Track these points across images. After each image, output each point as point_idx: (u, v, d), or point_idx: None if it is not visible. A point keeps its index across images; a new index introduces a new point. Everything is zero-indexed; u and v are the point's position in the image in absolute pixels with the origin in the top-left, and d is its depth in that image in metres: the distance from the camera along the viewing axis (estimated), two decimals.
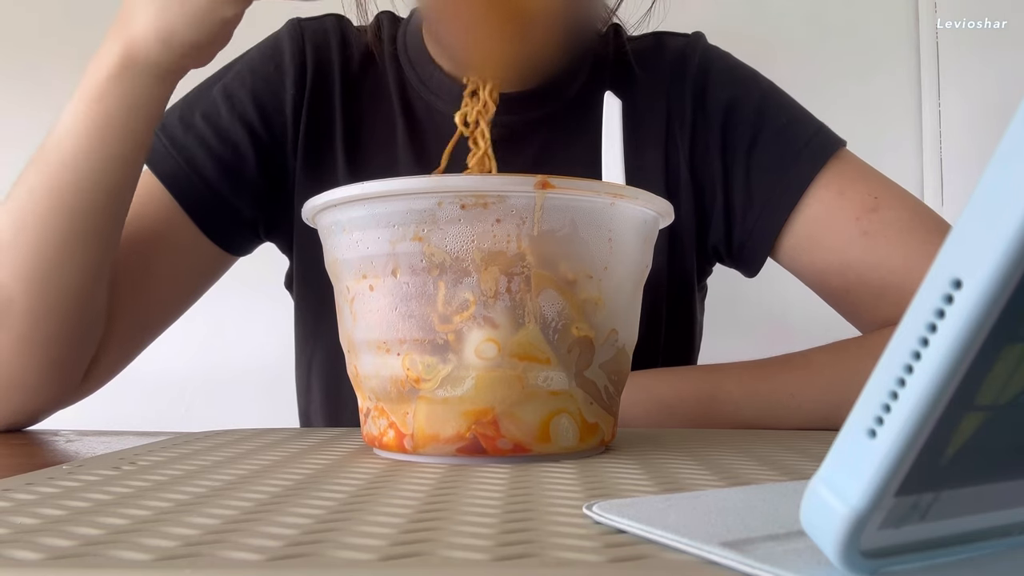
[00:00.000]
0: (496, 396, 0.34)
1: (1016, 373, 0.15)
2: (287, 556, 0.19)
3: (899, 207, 0.58)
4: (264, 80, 0.63)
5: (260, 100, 0.62)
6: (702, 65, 0.64)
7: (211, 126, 0.61)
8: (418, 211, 0.33)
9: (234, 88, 0.62)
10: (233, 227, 0.62)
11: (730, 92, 0.63)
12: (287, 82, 0.63)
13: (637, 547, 0.20)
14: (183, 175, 0.59)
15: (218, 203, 0.60)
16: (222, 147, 0.60)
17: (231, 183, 0.61)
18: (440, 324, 0.34)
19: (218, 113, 0.61)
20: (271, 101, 0.62)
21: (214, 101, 0.62)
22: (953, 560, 0.17)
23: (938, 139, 1.21)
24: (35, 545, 0.20)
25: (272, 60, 0.64)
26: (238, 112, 0.61)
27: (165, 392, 1.23)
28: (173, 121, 0.61)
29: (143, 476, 0.31)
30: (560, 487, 0.28)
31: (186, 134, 0.60)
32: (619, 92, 0.64)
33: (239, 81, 0.62)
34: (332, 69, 0.64)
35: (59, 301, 0.50)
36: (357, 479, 0.30)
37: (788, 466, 0.33)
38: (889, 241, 0.57)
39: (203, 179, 0.60)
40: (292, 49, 0.64)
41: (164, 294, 0.60)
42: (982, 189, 0.13)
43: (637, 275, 0.39)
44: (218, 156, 0.60)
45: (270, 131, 0.62)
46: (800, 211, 0.59)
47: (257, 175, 0.62)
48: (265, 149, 0.62)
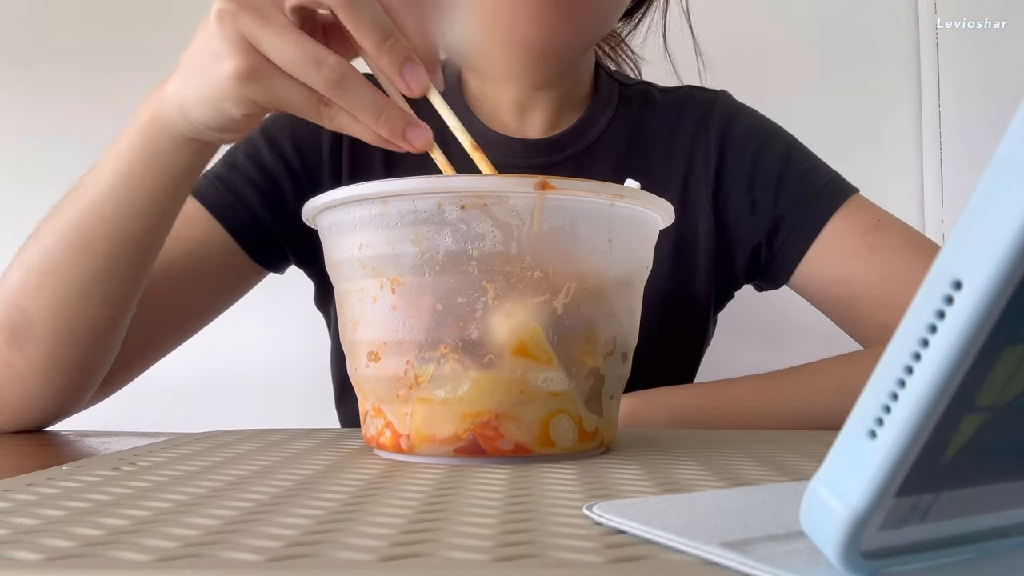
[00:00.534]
0: (495, 397, 0.34)
1: (1016, 374, 0.15)
2: (287, 557, 0.19)
3: (900, 230, 0.64)
4: (302, 123, 0.66)
5: (297, 139, 0.66)
6: (729, 117, 0.70)
7: (253, 163, 0.65)
8: (418, 212, 0.33)
9: (274, 131, 0.67)
10: (271, 248, 0.66)
11: (758, 144, 0.68)
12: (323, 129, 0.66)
13: (637, 547, 0.20)
14: (228, 203, 0.63)
15: (259, 226, 0.64)
16: (263, 180, 0.65)
17: (271, 210, 0.65)
18: (439, 325, 0.34)
19: (259, 152, 0.66)
20: (308, 140, 0.67)
21: (255, 143, 0.66)
22: (953, 561, 0.17)
23: (938, 139, 1.21)
24: (35, 546, 0.20)
25: None
26: (278, 151, 0.66)
27: (165, 393, 1.22)
28: (219, 164, 0.66)
29: (143, 477, 0.31)
30: (560, 488, 0.28)
31: (231, 172, 0.65)
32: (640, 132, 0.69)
33: (278, 126, 0.67)
34: None
35: (81, 333, 0.51)
36: (357, 480, 0.30)
37: (788, 466, 0.33)
38: (892, 253, 0.61)
39: (246, 205, 0.64)
40: None
41: (192, 311, 0.64)
42: (982, 189, 0.13)
43: (637, 276, 0.39)
44: (259, 187, 0.65)
45: (306, 167, 0.67)
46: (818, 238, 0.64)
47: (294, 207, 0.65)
48: (302, 183, 0.66)
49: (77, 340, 0.51)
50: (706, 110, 0.70)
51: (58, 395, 0.53)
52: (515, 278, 0.33)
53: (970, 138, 1.20)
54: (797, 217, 0.64)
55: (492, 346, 0.33)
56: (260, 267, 0.66)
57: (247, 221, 0.64)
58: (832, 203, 0.64)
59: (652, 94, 0.73)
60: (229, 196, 0.64)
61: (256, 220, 0.64)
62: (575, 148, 0.68)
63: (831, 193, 0.65)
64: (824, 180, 0.66)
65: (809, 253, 0.64)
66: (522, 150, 0.67)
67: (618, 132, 0.70)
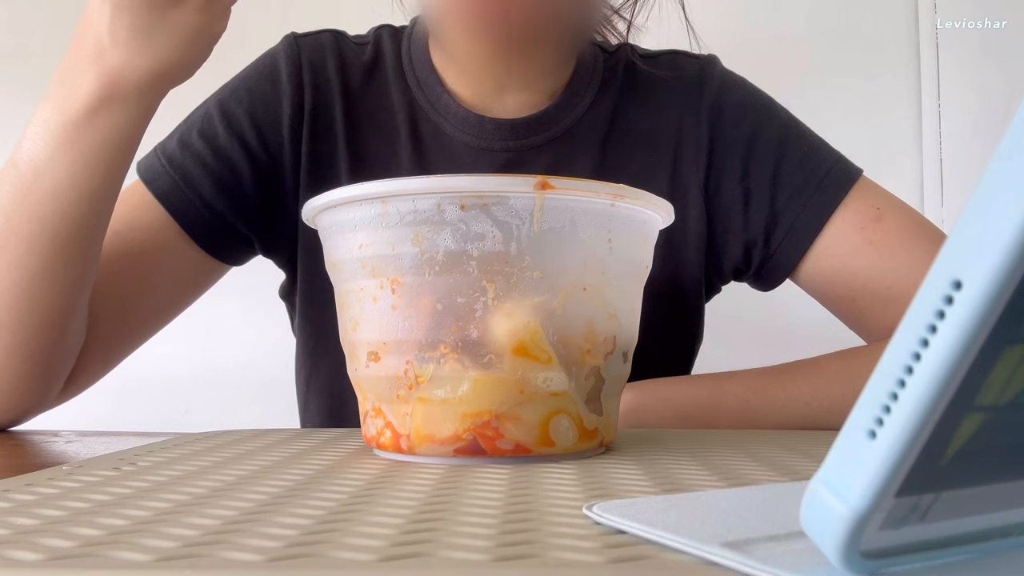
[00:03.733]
0: (495, 397, 0.34)
1: (1016, 374, 0.15)
2: (287, 557, 0.19)
3: (902, 218, 0.61)
4: (261, 99, 0.63)
5: (256, 119, 0.62)
6: (719, 92, 0.66)
7: (208, 144, 0.61)
8: (418, 212, 0.33)
9: (231, 106, 0.63)
10: (229, 241, 0.63)
11: (751, 124, 0.64)
12: (284, 101, 0.63)
13: (637, 547, 0.20)
14: (179, 194, 0.60)
15: (214, 218, 0.61)
16: (218, 165, 0.61)
17: (227, 200, 0.61)
18: (439, 325, 0.34)
19: (215, 131, 0.62)
20: (267, 120, 0.63)
21: (211, 119, 0.62)
22: (953, 561, 0.17)
23: (938, 139, 1.21)
24: (35, 546, 0.20)
25: (268, 79, 0.64)
26: (235, 131, 0.62)
27: (165, 393, 1.23)
28: (172, 142, 0.62)
29: (143, 477, 0.31)
30: (560, 488, 0.28)
31: (183, 153, 0.61)
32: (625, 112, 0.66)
33: (236, 99, 0.63)
34: (331, 87, 0.64)
35: (42, 317, 0.50)
36: (357, 480, 0.30)
37: (788, 466, 0.33)
38: (893, 249, 0.59)
39: (199, 196, 0.60)
40: (289, 68, 0.64)
41: (154, 304, 0.61)
42: (982, 189, 0.13)
43: (637, 276, 0.39)
44: (214, 173, 0.61)
45: (267, 150, 0.63)
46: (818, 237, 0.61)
47: (253, 192, 0.62)
48: (261, 168, 0.62)
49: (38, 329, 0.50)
50: (694, 80, 0.66)
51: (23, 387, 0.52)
52: (515, 278, 0.33)
53: (970, 138, 1.20)
54: (795, 215, 0.61)
55: (492, 346, 0.33)
56: (218, 262, 0.63)
57: (200, 213, 0.60)
58: (833, 198, 0.60)
59: (634, 62, 0.68)
60: (181, 185, 0.60)
61: (210, 211, 0.61)
62: (555, 129, 0.64)
63: (832, 185, 0.61)
64: (824, 168, 0.62)
65: (809, 252, 0.61)
66: (495, 131, 0.63)
67: (601, 110, 0.65)
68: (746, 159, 0.63)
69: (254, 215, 0.63)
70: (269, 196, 0.63)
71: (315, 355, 0.66)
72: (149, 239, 0.59)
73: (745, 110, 0.65)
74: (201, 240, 0.61)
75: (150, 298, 0.60)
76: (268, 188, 0.63)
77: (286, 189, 0.63)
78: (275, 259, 0.67)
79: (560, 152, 0.64)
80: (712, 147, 0.64)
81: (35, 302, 0.50)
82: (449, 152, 0.63)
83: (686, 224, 0.64)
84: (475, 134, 0.63)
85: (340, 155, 0.63)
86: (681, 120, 0.65)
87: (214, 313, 1.05)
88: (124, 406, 0.89)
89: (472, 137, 0.63)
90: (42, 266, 0.49)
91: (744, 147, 0.63)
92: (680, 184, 0.64)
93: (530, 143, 0.63)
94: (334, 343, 0.41)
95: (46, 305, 0.50)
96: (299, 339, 0.68)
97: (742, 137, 0.64)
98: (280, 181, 0.63)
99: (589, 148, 0.64)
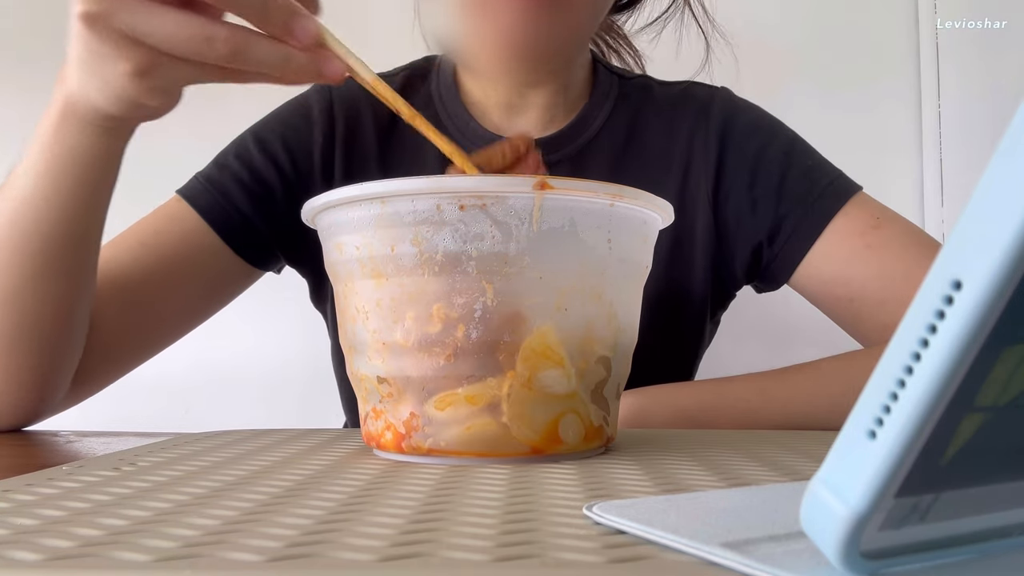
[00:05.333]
0: (500, 397, 0.34)
1: (1016, 374, 0.15)
2: (287, 557, 0.19)
3: (899, 227, 0.63)
4: (293, 129, 0.68)
5: (289, 145, 0.67)
6: (730, 114, 0.69)
7: (244, 165, 0.65)
8: (417, 212, 0.33)
9: (265, 135, 0.67)
10: (261, 247, 0.66)
11: (759, 140, 0.67)
12: (315, 130, 0.67)
13: (637, 548, 0.20)
14: (216, 205, 0.63)
15: (248, 225, 0.64)
16: (253, 182, 0.65)
17: (261, 212, 0.65)
18: (440, 326, 0.34)
19: (250, 155, 0.66)
20: (299, 146, 0.67)
21: (247, 146, 0.67)
22: (953, 561, 0.17)
23: (938, 139, 1.21)
24: (35, 546, 0.20)
25: (300, 114, 0.69)
26: (269, 154, 0.66)
27: (165, 393, 1.23)
28: (210, 167, 0.66)
29: (143, 477, 0.31)
30: (560, 487, 0.28)
31: (221, 173, 0.65)
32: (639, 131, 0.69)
33: (269, 129, 0.68)
34: (363, 118, 0.68)
35: (30, 325, 0.50)
36: (357, 480, 0.30)
37: (788, 467, 0.33)
38: (891, 253, 0.61)
39: (234, 206, 0.64)
40: (320, 104, 0.69)
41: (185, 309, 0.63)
42: (982, 189, 0.13)
43: (637, 276, 0.39)
44: (249, 189, 0.65)
45: (297, 171, 0.67)
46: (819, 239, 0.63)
47: (285, 210, 0.66)
48: (293, 187, 0.66)
49: (28, 335, 0.50)
50: (706, 104, 0.69)
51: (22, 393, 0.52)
52: (514, 278, 0.33)
53: (970, 138, 1.20)
54: (799, 218, 0.64)
55: (494, 346, 0.33)
56: (252, 267, 0.66)
57: (236, 222, 0.64)
58: (834, 204, 0.63)
59: (651, 88, 0.72)
60: (218, 196, 0.64)
61: (245, 221, 0.64)
62: (571, 147, 0.68)
63: (833, 193, 0.64)
64: (827, 179, 0.65)
65: (809, 254, 0.63)
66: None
67: (616, 129, 0.69)
68: (754, 170, 0.66)
69: (283, 228, 0.66)
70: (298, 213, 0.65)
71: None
72: (186, 247, 0.62)
73: (754, 127, 0.68)
74: (236, 245, 0.64)
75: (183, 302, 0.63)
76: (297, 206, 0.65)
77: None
78: (299, 269, 0.71)
79: (575, 169, 0.67)
80: (721, 162, 0.67)
81: (19, 312, 0.50)
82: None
83: (694, 235, 0.67)
84: None
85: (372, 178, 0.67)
86: (692, 139, 0.68)
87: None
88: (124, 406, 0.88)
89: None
90: (22, 275, 0.49)
91: (752, 160, 0.66)
92: (689, 196, 0.67)
93: (549, 159, 0.66)
94: None
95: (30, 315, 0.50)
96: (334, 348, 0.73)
97: (750, 152, 0.67)
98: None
99: (603, 165, 0.67)
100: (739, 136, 0.67)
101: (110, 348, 0.58)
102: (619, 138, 0.69)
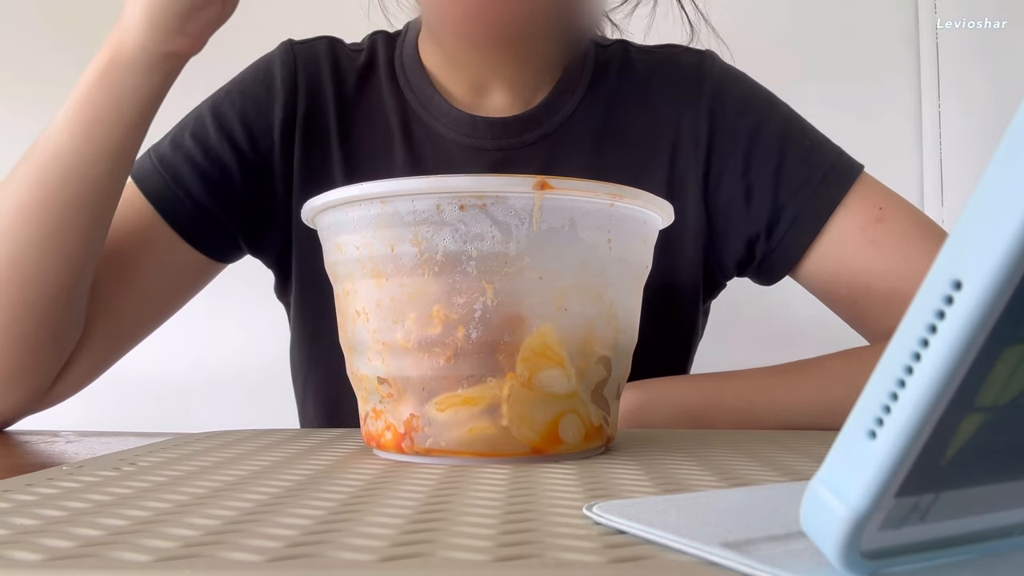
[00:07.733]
0: (500, 397, 0.34)
1: (1016, 374, 0.15)
2: (287, 557, 0.19)
3: (903, 218, 0.60)
4: (254, 103, 0.64)
5: (248, 122, 0.63)
6: (719, 85, 0.65)
7: (199, 145, 0.62)
8: (417, 212, 0.33)
9: (223, 109, 0.63)
10: (217, 238, 0.63)
11: (753, 117, 0.63)
12: (276, 106, 0.64)
13: (637, 548, 0.20)
14: (169, 193, 0.60)
15: (202, 215, 0.61)
16: (208, 164, 0.62)
17: (216, 198, 0.62)
18: (440, 326, 0.34)
19: (206, 133, 0.62)
20: (258, 124, 0.63)
21: (204, 121, 0.63)
22: (953, 561, 0.17)
23: (938, 139, 1.21)
24: (35, 546, 0.20)
25: (263, 83, 0.65)
26: (225, 132, 0.62)
27: (165, 393, 1.23)
28: (164, 142, 0.63)
29: (143, 477, 0.31)
30: (560, 487, 0.28)
31: (175, 153, 0.62)
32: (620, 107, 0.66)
33: (229, 102, 0.64)
34: (325, 92, 0.65)
35: (39, 295, 0.51)
36: (357, 480, 0.30)
37: (788, 467, 0.33)
38: (895, 250, 0.59)
39: (188, 194, 0.61)
40: (283, 73, 0.65)
41: (144, 303, 0.61)
42: (982, 189, 0.13)
43: (637, 276, 0.39)
44: (204, 173, 0.61)
45: (256, 152, 0.63)
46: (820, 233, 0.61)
47: (242, 193, 0.63)
48: (251, 169, 0.63)
49: (34, 308, 0.51)
50: (693, 76, 0.65)
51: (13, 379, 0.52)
52: (514, 278, 0.33)
53: (970, 138, 1.20)
54: (798, 209, 0.61)
55: (494, 346, 0.33)
56: (209, 259, 0.63)
57: (188, 210, 0.60)
58: (836, 193, 0.60)
59: (631, 56, 0.67)
60: (169, 181, 0.60)
61: (198, 208, 0.61)
62: (547, 126, 0.64)
63: (835, 180, 0.61)
64: (827, 162, 0.61)
65: (810, 249, 0.61)
66: (487, 130, 0.63)
67: (595, 105, 0.65)
68: (748, 153, 0.62)
69: (242, 214, 0.63)
70: (258, 197, 0.64)
71: (311, 358, 0.66)
72: (138, 237, 0.59)
73: (747, 103, 0.64)
74: (189, 237, 0.61)
75: (141, 296, 0.60)
76: (257, 189, 0.63)
77: (276, 191, 0.64)
78: (262, 258, 0.68)
79: (553, 149, 0.64)
80: (712, 141, 0.63)
81: (31, 278, 0.50)
82: (442, 152, 0.64)
83: (684, 220, 0.63)
84: (467, 133, 0.63)
85: (334, 158, 0.64)
86: (679, 114, 0.64)
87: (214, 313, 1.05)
88: (124, 406, 0.89)
89: (464, 136, 0.63)
90: (41, 238, 0.50)
91: (746, 140, 0.63)
92: (678, 180, 0.64)
93: (523, 140, 0.63)
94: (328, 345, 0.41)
95: (42, 283, 0.50)
96: (294, 341, 0.68)
97: (744, 131, 0.63)
98: (269, 183, 0.64)
99: (583, 144, 0.64)
100: (731, 113, 0.64)
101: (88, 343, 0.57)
102: (598, 116, 0.65)
